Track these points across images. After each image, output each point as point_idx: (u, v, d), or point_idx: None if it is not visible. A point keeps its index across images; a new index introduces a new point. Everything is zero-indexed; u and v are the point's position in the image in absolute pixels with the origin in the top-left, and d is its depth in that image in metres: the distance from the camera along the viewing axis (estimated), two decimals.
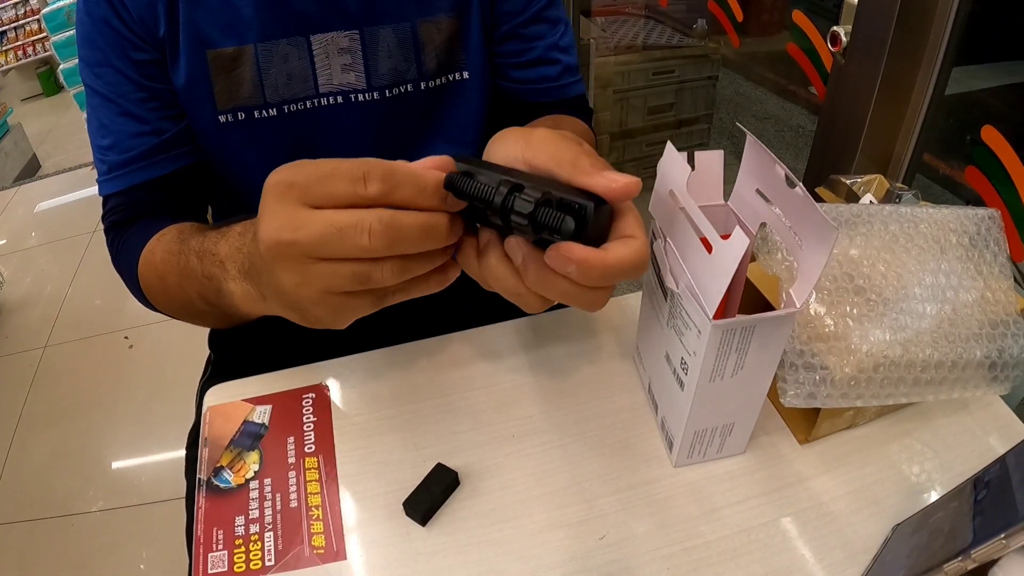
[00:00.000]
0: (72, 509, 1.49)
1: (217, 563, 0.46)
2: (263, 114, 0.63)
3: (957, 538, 0.35)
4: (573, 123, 0.72)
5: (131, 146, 0.62)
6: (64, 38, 2.52)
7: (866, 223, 0.50)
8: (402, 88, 0.66)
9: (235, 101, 0.62)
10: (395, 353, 0.60)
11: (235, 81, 0.61)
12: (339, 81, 0.64)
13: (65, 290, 2.19)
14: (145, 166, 0.63)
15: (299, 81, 0.63)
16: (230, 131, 0.64)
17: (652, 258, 0.49)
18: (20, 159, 3.19)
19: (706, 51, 1.98)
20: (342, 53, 0.63)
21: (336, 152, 0.66)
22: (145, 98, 0.61)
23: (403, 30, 0.64)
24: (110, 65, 0.60)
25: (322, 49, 0.62)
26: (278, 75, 0.62)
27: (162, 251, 0.57)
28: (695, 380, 0.42)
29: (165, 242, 0.57)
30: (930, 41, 0.89)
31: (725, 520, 0.47)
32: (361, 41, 0.63)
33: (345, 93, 0.65)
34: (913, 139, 0.97)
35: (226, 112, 0.63)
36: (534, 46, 0.71)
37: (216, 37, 0.60)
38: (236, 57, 0.61)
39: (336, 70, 0.64)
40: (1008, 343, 0.47)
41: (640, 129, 2.06)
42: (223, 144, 0.65)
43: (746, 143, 0.43)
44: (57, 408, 1.77)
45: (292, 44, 0.61)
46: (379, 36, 0.64)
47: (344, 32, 0.62)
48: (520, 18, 0.70)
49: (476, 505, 0.48)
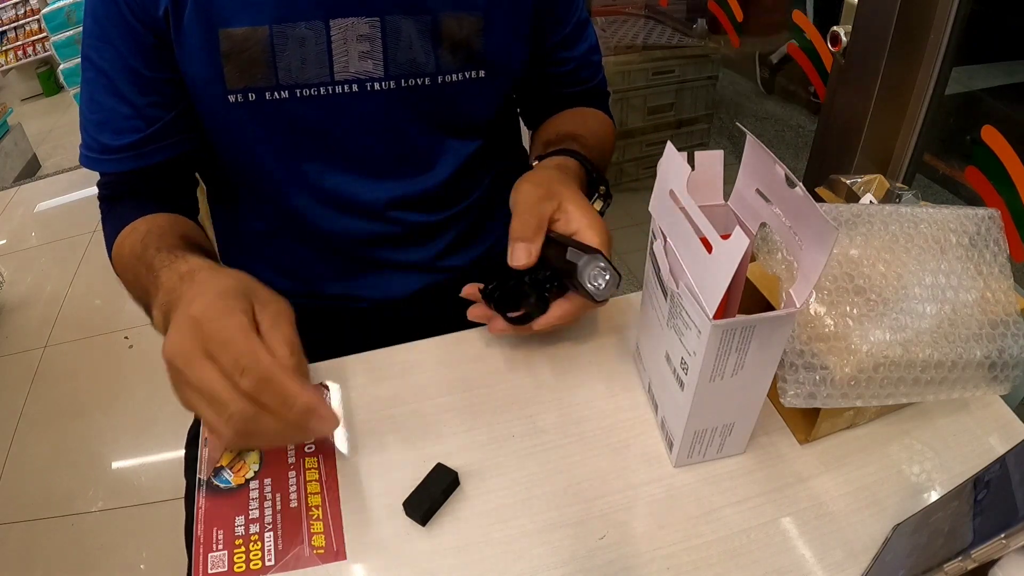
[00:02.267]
0: (72, 509, 1.49)
1: (217, 563, 0.46)
2: (274, 96, 0.62)
3: (957, 538, 0.35)
4: (594, 114, 0.79)
5: (120, 129, 0.62)
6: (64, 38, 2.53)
7: (866, 223, 0.50)
8: (418, 80, 0.66)
9: (246, 81, 0.61)
10: (395, 353, 0.60)
11: (248, 61, 0.60)
12: (356, 68, 0.63)
13: (65, 290, 2.18)
14: (132, 156, 0.63)
15: (314, 65, 0.62)
16: (239, 111, 0.63)
17: (652, 258, 0.49)
18: (20, 159, 3.19)
19: (706, 51, 1.98)
20: (361, 40, 0.62)
21: (346, 140, 0.67)
22: (139, 83, 0.61)
23: (424, 22, 0.63)
24: (110, 43, 0.60)
25: (341, 34, 0.61)
26: (292, 58, 0.61)
27: (129, 248, 0.61)
28: (695, 380, 0.42)
29: (133, 241, 0.61)
30: (930, 41, 0.89)
31: (725, 520, 0.47)
32: (381, 29, 0.62)
33: (361, 81, 0.64)
34: (913, 139, 0.97)
35: (236, 92, 0.62)
36: (574, 55, 0.76)
37: (229, 16, 0.59)
38: (249, 37, 0.59)
39: (353, 57, 0.63)
40: (1008, 343, 0.47)
41: (640, 129, 2.06)
42: (231, 124, 0.64)
43: (746, 143, 0.43)
44: (57, 408, 1.77)
45: (310, 27, 0.60)
46: (400, 25, 0.63)
47: (365, 19, 0.61)
48: (568, 27, 0.74)
49: (476, 505, 0.48)
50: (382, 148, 0.68)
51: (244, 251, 0.77)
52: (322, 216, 0.70)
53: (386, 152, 0.69)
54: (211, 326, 0.43)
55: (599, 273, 0.50)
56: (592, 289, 0.50)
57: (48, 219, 2.67)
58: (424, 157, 0.71)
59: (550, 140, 0.70)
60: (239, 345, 0.42)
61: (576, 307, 0.54)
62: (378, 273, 0.75)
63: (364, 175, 0.69)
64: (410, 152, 0.70)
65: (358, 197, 0.70)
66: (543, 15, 0.70)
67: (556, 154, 0.65)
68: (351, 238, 0.72)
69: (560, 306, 0.54)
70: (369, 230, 0.72)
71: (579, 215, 0.54)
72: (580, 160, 0.65)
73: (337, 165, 0.68)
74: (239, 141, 0.66)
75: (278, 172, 0.68)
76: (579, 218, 0.54)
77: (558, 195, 0.55)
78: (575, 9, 0.74)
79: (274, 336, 0.45)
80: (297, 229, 0.72)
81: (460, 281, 0.73)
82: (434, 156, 0.72)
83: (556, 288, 0.54)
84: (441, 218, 0.74)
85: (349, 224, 0.71)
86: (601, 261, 0.50)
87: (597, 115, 0.80)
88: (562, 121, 0.77)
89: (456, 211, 0.75)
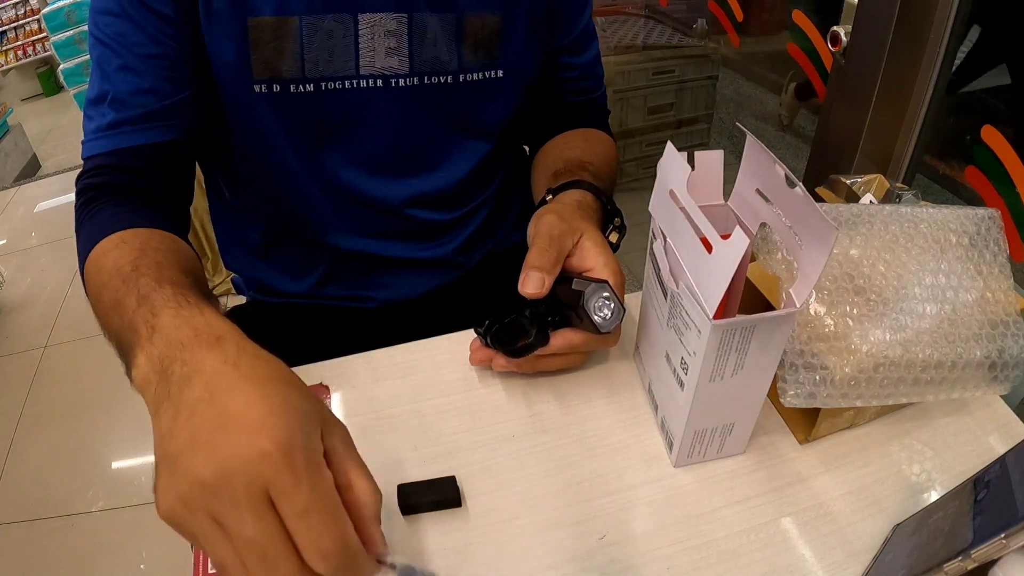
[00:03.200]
0: (72, 509, 1.49)
1: None
2: (300, 89, 0.62)
3: (957, 538, 0.35)
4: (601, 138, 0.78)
5: (126, 104, 0.59)
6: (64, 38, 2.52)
7: (866, 223, 0.50)
8: (440, 78, 0.66)
9: (272, 72, 0.61)
10: (395, 353, 0.60)
11: (275, 52, 0.60)
12: (381, 64, 0.63)
13: (65, 290, 2.18)
14: (136, 130, 0.59)
15: (340, 59, 0.62)
16: (263, 102, 0.62)
17: (652, 258, 0.49)
18: (20, 159, 3.19)
19: (706, 51, 1.98)
20: (388, 36, 0.62)
21: (366, 134, 0.67)
22: (153, 55, 0.58)
23: (449, 20, 0.64)
24: (123, 14, 0.57)
25: (368, 29, 0.62)
26: (320, 51, 0.61)
27: (113, 263, 0.49)
28: (695, 380, 0.42)
29: (119, 257, 0.49)
30: (930, 41, 0.89)
31: (725, 520, 0.47)
32: (408, 25, 0.63)
33: (386, 77, 0.64)
34: (913, 139, 0.97)
35: (261, 82, 0.61)
36: (579, 62, 0.76)
37: (260, 5, 0.58)
38: (278, 27, 0.59)
39: (380, 52, 0.63)
40: (1008, 343, 0.47)
41: (640, 129, 2.06)
42: (252, 114, 0.63)
43: (746, 143, 0.43)
44: (57, 408, 1.77)
45: (338, 20, 0.60)
46: (427, 22, 0.63)
47: (393, 14, 0.62)
48: (575, 32, 0.74)
49: (476, 505, 0.48)
50: (401, 144, 0.69)
51: (249, 253, 0.77)
52: (336, 211, 0.70)
53: (404, 149, 0.69)
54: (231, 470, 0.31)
55: (604, 303, 0.49)
56: (599, 321, 0.48)
57: (48, 219, 2.68)
58: (440, 156, 0.72)
59: (559, 170, 0.67)
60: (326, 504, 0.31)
61: (580, 339, 0.52)
62: (388, 272, 0.75)
63: (381, 171, 0.70)
64: (427, 150, 0.71)
65: (374, 193, 0.70)
66: (553, 17, 0.70)
67: (570, 185, 0.63)
68: (364, 234, 0.72)
69: (563, 335, 0.52)
70: (383, 226, 0.72)
71: (595, 252, 0.53)
72: (595, 193, 0.63)
73: (355, 160, 0.68)
74: (258, 131, 0.65)
75: (295, 164, 0.67)
76: (595, 256, 0.53)
77: (579, 231, 0.54)
78: (584, 17, 0.74)
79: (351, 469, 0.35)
80: (309, 229, 0.72)
81: (467, 282, 0.73)
82: (450, 155, 0.72)
83: (558, 322, 0.52)
84: (454, 217, 0.75)
85: (363, 220, 0.71)
86: (606, 291, 0.49)
87: (602, 139, 0.78)
88: (568, 147, 0.74)
89: (467, 210, 0.76)
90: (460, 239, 0.76)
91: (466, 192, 0.75)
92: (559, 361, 0.55)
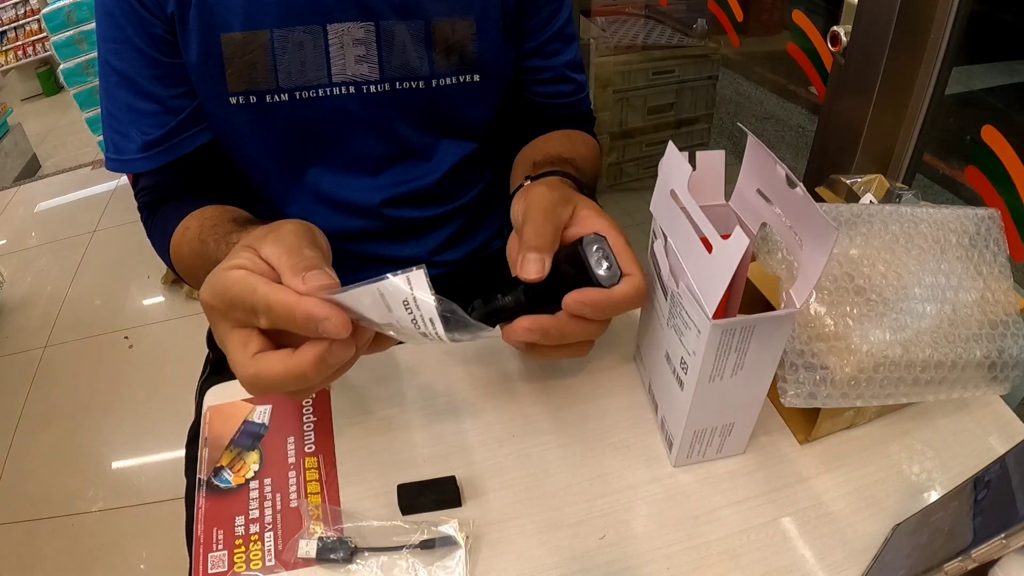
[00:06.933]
0: (72, 509, 1.49)
1: (217, 563, 0.46)
2: (275, 99, 0.64)
3: (957, 538, 0.35)
4: (584, 139, 0.76)
5: (148, 128, 0.63)
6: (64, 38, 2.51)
7: (866, 223, 0.50)
8: (412, 83, 0.67)
9: (247, 84, 0.63)
10: (395, 353, 0.60)
11: (248, 65, 0.62)
12: (352, 71, 0.65)
13: (65, 290, 2.18)
14: (164, 150, 0.64)
15: (313, 68, 0.64)
16: (240, 113, 0.64)
17: (652, 258, 0.49)
18: (20, 159, 3.19)
19: (706, 51, 1.98)
20: (356, 44, 0.64)
21: (343, 140, 0.68)
22: (161, 75, 0.62)
23: (418, 27, 0.64)
24: (128, 42, 0.61)
25: (337, 39, 0.63)
26: (292, 61, 0.63)
27: (188, 249, 0.60)
28: (695, 380, 0.42)
29: (190, 241, 0.60)
30: (930, 41, 0.89)
31: (725, 520, 0.47)
32: (376, 33, 0.64)
33: (357, 83, 0.65)
34: (913, 139, 0.97)
35: (237, 95, 0.63)
36: (552, 64, 0.75)
37: (231, 21, 0.60)
38: (250, 41, 0.61)
39: (350, 60, 0.64)
40: (1008, 343, 0.47)
41: (640, 129, 2.06)
42: (233, 126, 0.66)
43: (747, 143, 0.43)
44: (57, 408, 1.77)
45: (308, 32, 0.62)
46: (394, 30, 0.64)
47: (360, 23, 0.63)
48: (543, 35, 0.72)
49: (476, 505, 0.48)
50: (378, 148, 0.70)
51: None
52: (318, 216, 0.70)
53: (382, 152, 0.70)
54: (218, 300, 0.41)
55: (603, 257, 0.45)
56: (602, 274, 0.44)
57: (48, 219, 2.67)
58: (419, 156, 0.72)
59: (538, 161, 0.64)
60: (245, 300, 0.39)
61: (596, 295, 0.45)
62: (372, 269, 0.75)
63: (360, 175, 0.71)
64: (406, 152, 0.71)
65: (354, 196, 0.71)
66: (521, 20, 0.70)
67: (550, 175, 0.59)
68: (345, 235, 0.72)
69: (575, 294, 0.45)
70: (362, 227, 0.73)
71: (595, 217, 0.49)
72: (578, 186, 0.60)
73: (334, 166, 0.70)
74: (239, 142, 0.67)
75: (276, 172, 0.69)
76: (595, 220, 0.49)
77: (573, 200, 0.50)
78: (556, 21, 0.73)
79: (272, 256, 0.42)
80: None
81: (454, 277, 0.73)
82: (429, 155, 0.73)
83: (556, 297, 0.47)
84: (435, 214, 0.75)
85: (344, 222, 0.72)
86: (602, 243, 0.46)
87: (585, 139, 0.76)
88: (550, 143, 0.71)
89: (451, 208, 0.76)
90: (443, 236, 0.76)
91: (448, 190, 0.75)
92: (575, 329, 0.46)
